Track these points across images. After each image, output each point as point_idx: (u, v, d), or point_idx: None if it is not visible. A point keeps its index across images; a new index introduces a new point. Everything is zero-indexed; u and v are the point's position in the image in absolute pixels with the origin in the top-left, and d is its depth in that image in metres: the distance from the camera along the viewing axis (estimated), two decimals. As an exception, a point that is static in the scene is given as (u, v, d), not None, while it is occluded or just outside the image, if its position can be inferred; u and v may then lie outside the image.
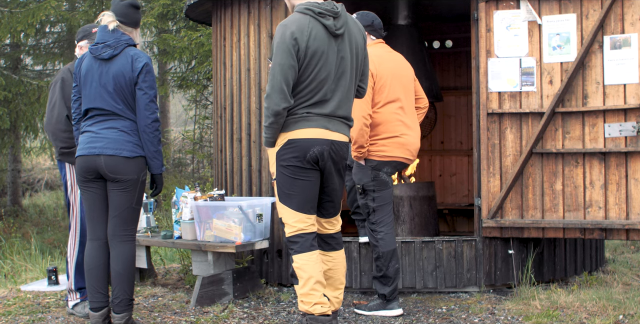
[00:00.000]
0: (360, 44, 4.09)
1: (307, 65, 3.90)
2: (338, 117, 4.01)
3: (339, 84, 3.98)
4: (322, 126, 3.95)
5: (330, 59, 3.92)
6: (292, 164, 3.96)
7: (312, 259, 4.01)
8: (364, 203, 4.87)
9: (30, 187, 18.17)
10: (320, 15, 3.90)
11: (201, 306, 5.07)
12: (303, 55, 3.88)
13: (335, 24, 3.93)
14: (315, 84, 3.92)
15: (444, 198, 7.98)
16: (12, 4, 12.08)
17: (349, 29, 4.01)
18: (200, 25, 11.42)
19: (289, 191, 4.00)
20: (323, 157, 3.97)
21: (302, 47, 3.86)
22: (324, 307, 4.02)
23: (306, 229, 4.03)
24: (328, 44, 3.92)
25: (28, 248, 9.62)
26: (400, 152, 4.86)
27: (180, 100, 18.91)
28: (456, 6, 6.88)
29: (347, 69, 4.00)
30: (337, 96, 3.98)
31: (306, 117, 3.93)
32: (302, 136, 3.93)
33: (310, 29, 3.88)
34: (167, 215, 9.55)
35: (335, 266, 4.19)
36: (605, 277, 5.93)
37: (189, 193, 5.43)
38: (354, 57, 4.04)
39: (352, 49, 4.02)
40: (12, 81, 12.05)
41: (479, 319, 4.71)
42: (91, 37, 4.87)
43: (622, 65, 5.10)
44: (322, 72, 3.91)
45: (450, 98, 7.94)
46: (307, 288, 4.00)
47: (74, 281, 4.86)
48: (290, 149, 3.95)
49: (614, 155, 5.15)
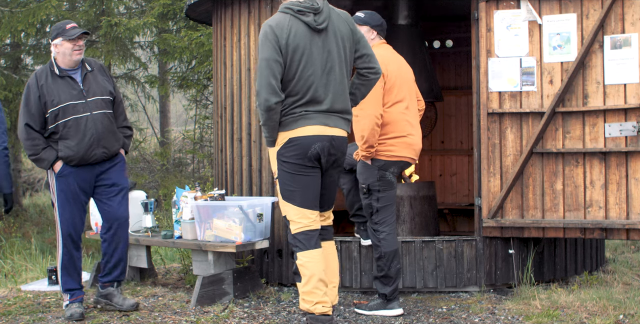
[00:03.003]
0: (347, 34, 4.11)
1: (291, 62, 3.95)
2: (335, 112, 4.06)
3: (329, 79, 4.02)
4: (321, 123, 4.01)
5: (314, 54, 3.97)
6: (293, 161, 4.00)
7: (316, 257, 4.03)
8: (368, 203, 4.86)
9: (30, 187, 18.18)
10: (299, 13, 3.97)
11: (201, 305, 5.07)
12: (285, 52, 3.94)
13: (316, 19, 3.98)
14: (304, 81, 3.96)
15: (444, 198, 7.98)
16: (12, 3, 12.07)
17: (332, 22, 4.05)
18: (200, 25, 11.41)
19: (292, 187, 4.05)
20: (324, 153, 4.03)
21: (282, 44, 3.93)
22: (325, 306, 4.02)
23: (310, 225, 4.07)
24: (311, 40, 3.97)
25: (28, 247, 9.61)
26: (407, 152, 4.87)
27: (180, 100, 18.90)
28: (456, 6, 6.87)
29: (336, 63, 4.03)
30: (331, 91, 4.02)
31: (305, 115, 3.98)
32: (303, 133, 3.98)
33: (289, 26, 3.95)
34: (168, 215, 9.55)
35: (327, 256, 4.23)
36: (605, 277, 5.93)
37: (189, 193, 5.43)
38: (341, 50, 4.07)
39: (339, 42, 4.06)
40: (13, 80, 12.05)
41: (480, 319, 4.71)
42: (66, 33, 4.76)
43: (622, 65, 5.09)
44: (307, 69, 3.95)
45: (450, 98, 7.94)
46: (310, 286, 4.01)
47: (62, 283, 4.93)
48: (292, 148, 3.99)
49: (614, 155, 5.15)
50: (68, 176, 4.82)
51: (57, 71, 4.82)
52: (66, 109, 4.76)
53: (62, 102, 4.76)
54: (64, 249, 4.87)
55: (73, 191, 4.84)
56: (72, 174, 4.82)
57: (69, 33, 4.77)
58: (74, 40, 4.79)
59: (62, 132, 4.77)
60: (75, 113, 4.77)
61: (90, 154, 4.79)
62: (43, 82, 4.78)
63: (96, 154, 4.81)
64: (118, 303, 4.98)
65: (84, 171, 4.84)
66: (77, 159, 4.78)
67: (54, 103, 4.75)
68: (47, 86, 4.78)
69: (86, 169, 4.85)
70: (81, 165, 4.82)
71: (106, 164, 4.92)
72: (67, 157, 4.78)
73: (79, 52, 4.81)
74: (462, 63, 7.91)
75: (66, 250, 4.87)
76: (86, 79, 4.88)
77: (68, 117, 4.76)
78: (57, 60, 4.85)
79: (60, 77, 4.82)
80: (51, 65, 4.85)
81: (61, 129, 4.77)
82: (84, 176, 4.85)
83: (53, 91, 4.77)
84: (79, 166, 4.82)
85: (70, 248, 4.87)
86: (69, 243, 4.86)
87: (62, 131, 4.77)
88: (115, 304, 4.98)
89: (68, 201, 4.84)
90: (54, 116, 4.76)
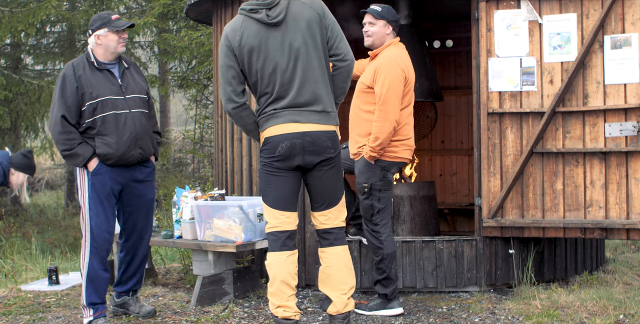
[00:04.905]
0: (314, 19, 3.94)
1: (249, 63, 3.94)
2: (305, 106, 3.93)
3: (295, 73, 3.91)
4: (290, 120, 3.93)
5: (272, 50, 3.91)
6: (266, 162, 3.99)
7: (280, 260, 3.99)
8: (369, 204, 4.85)
9: (30, 186, 18.15)
10: (251, 12, 3.94)
11: (202, 305, 5.07)
12: (240, 54, 3.94)
13: (270, 14, 3.92)
14: (267, 79, 3.93)
15: (444, 198, 7.98)
16: (12, 3, 12.07)
17: (291, 12, 3.94)
18: (200, 25, 11.41)
19: (265, 187, 4.05)
20: (296, 151, 3.92)
21: (235, 46, 3.93)
22: (287, 311, 3.98)
23: (279, 226, 4.02)
24: (267, 36, 3.91)
25: (28, 247, 9.61)
26: (407, 153, 4.91)
27: (180, 99, 18.90)
28: (457, 6, 6.87)
29: (302, 53, 3.91)
30: (296, 85, 3.91)
31: (274, 114, 3.95)
32: (273, 133, 3.96)
33: (242, 28, 3.94)
34: (168, 215, 9.55)
35: (333, 263, 4.07)
36: (605, 277, 5.93)
37: (189, 193, 5.43)
38: (307, 38, 3.93)
39: (303, 30, 3.92)
40: (13, 80, 12.04)
41: (480, 318, 4.71)
42: (112, 24, 4.49)
43: (622, 65, 5.09)
44: (267, 66, 3.91)
45: (450, 98, 7.94)
46: (273, 288, 4.00)
47: (85, 296, 4.53)
48: (265, 147, 4.00)
49: (614, 155, 5.14)
50: (104, 175, 4.48)
51: (95, 63, 4.51)
52: (105, 103, 4.45)
53: (102, 95, 4.44)
54: (92, 258, 4.47)
55: (107, 192, 4.50)
56: (108, 173, 4.49)
57: (115, 24, 4.49)
58: (120, 31, 4.51)
59: (99, 128, 4.44)
60: (115, 109, 4.46)
61: (128, 154, 4.49)
62: (81, 73, 4.45)
63: (134, 155, 4.51)
64: (135, 310, 4.80)
65: (118, 172, 4.53)
66: (115, 158, 4.46)
67: (93, 96, 4.42)
68: (85, 77, 4.45)
69: (121, 170, 4.53)
70: (117, 165, 4.50)
71: (140, 169, 4.62)
72: (106, 155, 4.45)
73: (123, 44, 4.54)
74: (462, 63, 7.91)
75: (94, 259, 4.47)
76: (124, 75, 4.60)
77: (107, 112, 4.44)
78: (96, 52, 4.53)
79: (99, 70, 4.51)
80: (88, 57, 4.53)
81: (99, 125, 4.44)
82: (117, 178, 4.53)
83: (92, 83, 4.45)
84: (115, 165, 4.50)
85: (100, 257, 4.49)
86: (98, 251, 4.47)
87: (99, 126, 4.44)
88: (132, 312, 4.81)
89: (102, 203, 4.49)
90: (92, 110, 4.43)
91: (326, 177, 4.05)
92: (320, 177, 4.04)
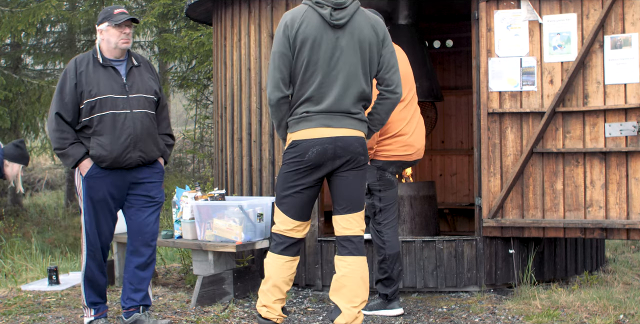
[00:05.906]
0: (369, 38, 3.91)
1: (299, 53, 3.85)
2: (340, 112, 3.87)
3: (337, 77, 3.85)
4: (322, 125, 3.85)
5: (323, 48, 3.83)
6: (292, 166, 3.90)
7: (278, 263, 3.98)
8: (371, 203, 4.86)
9: (30, 186, 18.17)
10: (317, 5, 3.88)
11: (202, 305, 5.07)
12: (293, 42, 3.84)
13: (334, 14, 3.85)
14: (309, 74, 3.84)
15: (444, 198, 7.98)
16: (12, 3, 12.07)
17: (354, 21, 3.88)
18: (200, 25, 11.41)
19: (282, 192, 3.98)
20: (326, 156, 3.86)
21: (292, 33, 3.84)
22: (270, 312, 4.00)
23: (286, 232, 4.00)
24: (323, 33, 3.84)
25: (29, 247, 9.61)
26: (402, 150, 4.84)
27: (180, 99, 18.90)
28: (457, 6, 6.87)
29: (349, 63, 3.85)
30: (336, 90, 3.85)
31: (306, 117, 3.87)
32: (303, 137, 3.87)
33: (303, 17, 3.86)
34: (168, 215, 9.55)
35: (350, 273, 3.93)
36: (605, 276, 5.93)
37: (189, 193, 5.43)
38: (358, 51, 3.88)
39: (355, 43, 3.87)
40: (13, 80, 12.05)
41: (480, 318, 4.71)
42: (112, 18, 4.29)
43: (622, 65, 5.10)
44: (312, 61, 3.83)
45: (450, 98, 7.94)
46: (265, 287, 4.02)
47: (85, 296, 4.46)
48: (292, 150, 3.91)
49: (614, 155, 5.15)
50: (98, 179, 4.29)
51: (100, 60, 4.32)
52: (104, 101, 4.24)
53: (101, 94, 4.24)
54: (88, 261, 4.39)
55: (102, 197, 4.32)
56: (103, 177, 4.30)
57: (115, 18, 4.28)
58: (120, 26, 4.29)
59: (95, 128, 4.24)
60: (114, 108, 4.25)
61: (124, 157, 4.27)
62: (83, 70, 4.27)
63: (131, 158, 4.29)
64: None
65: (116, 175, 4.32)
66: (109, 161, 4.25)
67: (92, 94, 4.23)
68: (86, 74, 4.27)
69: (119, 173, 4.32)
70: (114, 168, 4.30)
71: (144, 171, 4.42)
72: (99, 157, 4.25)
73: (125, 40, 4.31)
74: (462, 63, 7.91)
75: (90, 261, 4.39)
76: (131, 73, 4.38)
77: (105, 111, 4.24)
78: (102, 48, 4.34)
79: (103, 67, 4.31)
80: (95, 53, 4.35)
81: (95, 124, 4.24)
82: (115, 181, 4.33)
83: (93, 81, 4.26)
84: (111, 168, 4.29)
85: (95, 260, 4.40)
86: (95, 254, 4.39)
87: (96, 126, 4.24)
88: None
89: (95, 208, 4.33)
90: (90, 108, 4.24)
91: (353, 182, 3.97)
92: (347, 180, 3.95)
